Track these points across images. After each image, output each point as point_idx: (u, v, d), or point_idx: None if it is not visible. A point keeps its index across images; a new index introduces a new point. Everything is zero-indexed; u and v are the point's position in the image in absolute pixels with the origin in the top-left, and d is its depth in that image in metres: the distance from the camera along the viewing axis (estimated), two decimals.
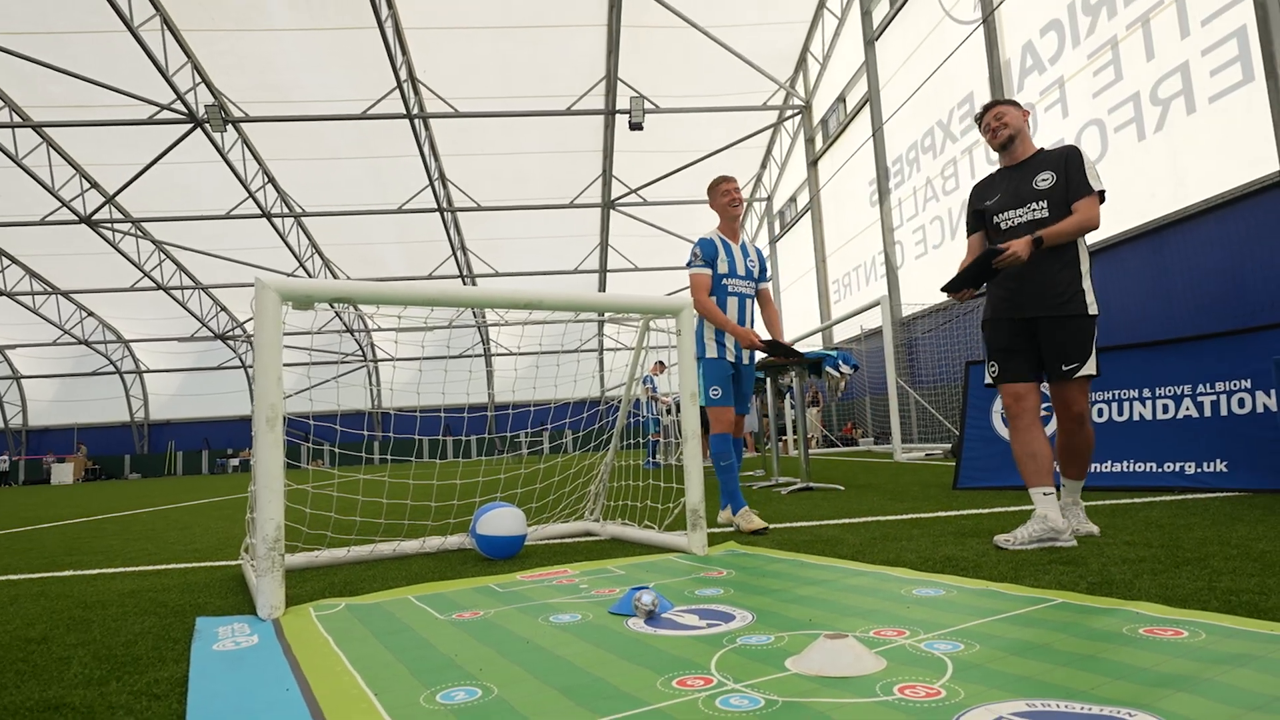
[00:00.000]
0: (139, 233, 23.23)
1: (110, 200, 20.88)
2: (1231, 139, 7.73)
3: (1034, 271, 2.99)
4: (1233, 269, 7.81)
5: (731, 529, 3.82)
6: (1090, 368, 2.95)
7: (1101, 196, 2.94)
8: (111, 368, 32.49)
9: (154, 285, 25.68)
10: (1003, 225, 3.10)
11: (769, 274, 4.32)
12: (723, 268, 3.95)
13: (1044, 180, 3.02)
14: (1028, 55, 10.90)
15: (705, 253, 3.95)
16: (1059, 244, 2.93)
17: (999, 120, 3.13)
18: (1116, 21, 9.16)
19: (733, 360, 3.97)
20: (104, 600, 2.80)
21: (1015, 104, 3.17)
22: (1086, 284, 2.95)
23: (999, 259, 2.88)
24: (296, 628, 2.11)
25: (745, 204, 4.18)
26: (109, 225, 22.29)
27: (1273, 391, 4.09)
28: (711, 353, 3.96)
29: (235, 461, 32.56)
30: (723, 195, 4.02)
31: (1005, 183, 3.15)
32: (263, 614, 2.28)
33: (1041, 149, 3.15)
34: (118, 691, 1.65)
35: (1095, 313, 2.95)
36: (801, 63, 19.54)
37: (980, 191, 3.26)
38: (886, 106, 15.41)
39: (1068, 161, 2.99)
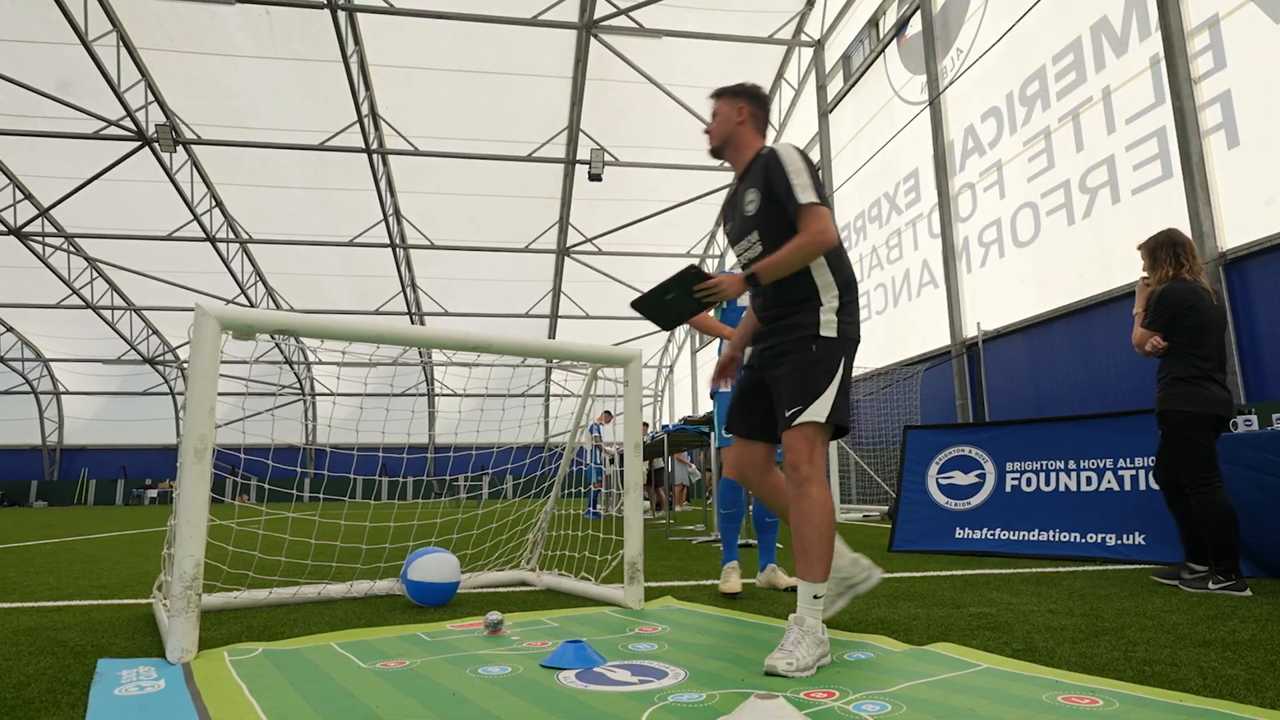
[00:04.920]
0: (71, 248, 22.35)
1: (44, 214, 20.10)
2: (1152, 229, 8.25)
3: (764, 315, 2.36)
4: None
5: (773, 588, 3.56)
6: (815, 412, 2.13)
7: (818, 207, 2.21)
8: (26, 387, 30.78)
9: (82, 304, 24.63)
10: (741, 263, 2.45)
11: None
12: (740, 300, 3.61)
13: (750, 203, 2.34)
14: (969, 138, 11.53)
15: None
16: (785, 277, 2.23)
17: (709, 123, 2.46)
18: (1050, 113, 9.80)
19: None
20: None
21: (734, 93, 2.41)
22: (827, 317, 2.22)
23: (700, 287, 2.15)
24: (208, 673, 2.00)
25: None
26: (40, 239, 21.41)
27: None
28: (725, 385, 3.68)
29: (153, 493, 30.94)
30: None
31: (733, 203, 2.47)
32: (172, 657, 2.16)
33: (759, 152, 2.39)
34: None
35: (832, 335, 2.21)
36: None
37: (723, 210, 2.56)
38: (837, 176, 16.05)
39: (768, 173, 2.27)
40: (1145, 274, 3.88)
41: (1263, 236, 7.03)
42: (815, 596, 2.08)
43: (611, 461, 11.40)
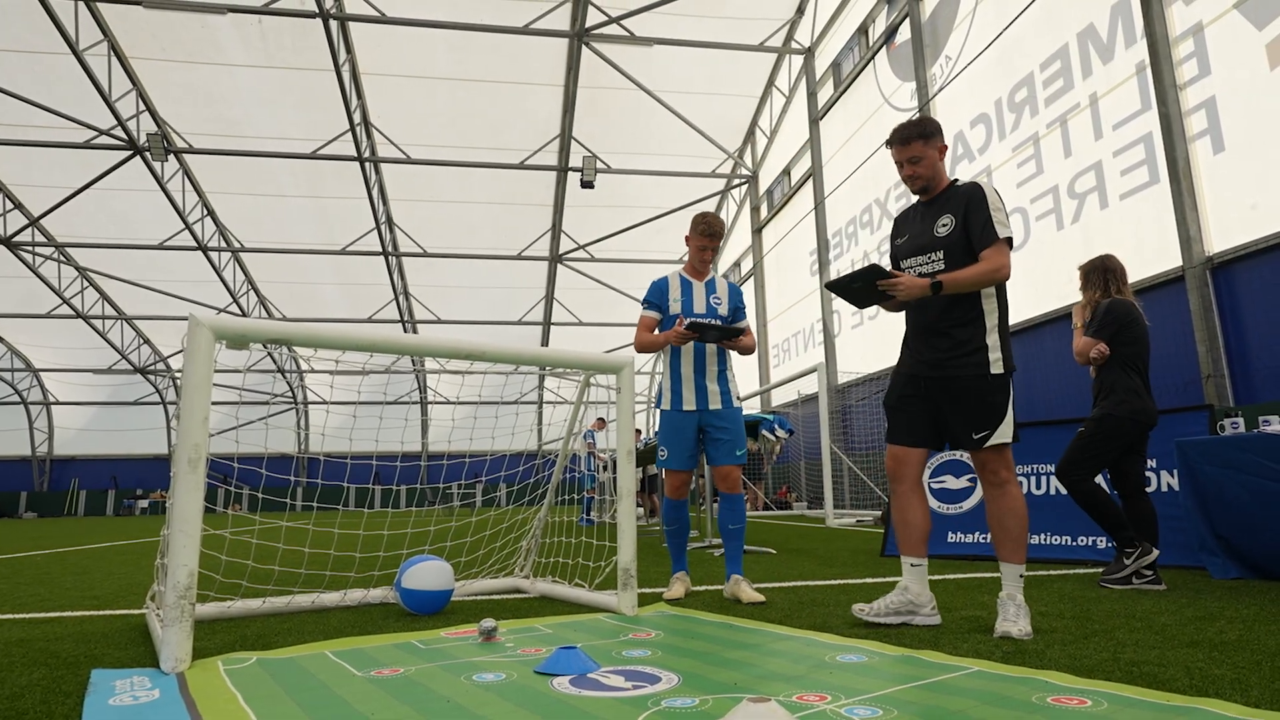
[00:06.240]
0: (62, 258, 22.25)
1: (34, 223, 20.02)
2: (1140, 234, 8.34)
3: (929, 325, 2.71)
4: None
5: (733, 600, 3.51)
6: (1003, 435, 2.60)
7: (1009, 243, 2.62)
8: (16, 398, 30.56)
9: (73, 313, 24.50)
10: (915, 275, 2.78)
11: (744, 311, 3.90)
12: (675, 307, 3.70)
13: (944, 225, 2.70)
14: (959, 144, 11.62)
15: (650, 295, 3.81)
16: (959, 294, 2.62)
17: (912, 167, 2.75)
18: (1038, 120, 9.89)
19: (693, 409, 3.63)
20: None
21: (929, 134, 2.74)
22: (992, 339, 2.62)
23: (884, 282, 2.61)
24: (202, 682, 2.01)
25: (715, 254, 4.28)
26: (30, 248, 21.31)
27: (1175, 472, 4.34)
28: (665, 404, 3.72)
29: (144, 503, 30.68)
30: (697, 243, 3.78)
31: (916, 223, 2.83)
32: (166, 667, 2.16)
33: (954, 182, 2.77)
34: None
35: (1001, 371, 2.62)
36: (750, 135, 20.36)
37: (897, 226, 2.95)
38: (828, 182, 16.13)
39: (969, 204, 2.65)
40: (1081, 293, 4.08)
41: (1248, 241, 7.10)
42: (1020, 575, 2.57)
43: (605, 468, 11.40)
